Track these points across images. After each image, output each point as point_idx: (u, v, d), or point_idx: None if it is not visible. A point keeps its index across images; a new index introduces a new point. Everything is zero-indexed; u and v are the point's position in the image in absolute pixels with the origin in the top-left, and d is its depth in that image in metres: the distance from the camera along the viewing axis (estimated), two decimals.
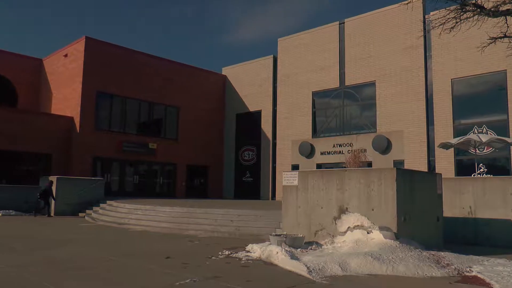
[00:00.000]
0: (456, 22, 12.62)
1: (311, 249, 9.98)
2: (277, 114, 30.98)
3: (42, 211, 21.31)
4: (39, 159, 26.76)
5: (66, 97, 28.66)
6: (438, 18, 13.16)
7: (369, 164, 24.79)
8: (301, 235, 10.52)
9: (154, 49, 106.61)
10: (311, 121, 28.76)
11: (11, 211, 21.45)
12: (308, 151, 27.83)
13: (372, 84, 26.33)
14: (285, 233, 11.14)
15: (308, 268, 8.02)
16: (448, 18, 12.75)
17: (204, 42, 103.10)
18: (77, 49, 28.09)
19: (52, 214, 21.47)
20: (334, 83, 27.90)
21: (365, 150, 25.05)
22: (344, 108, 27.63)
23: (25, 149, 25.87)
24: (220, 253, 10.18)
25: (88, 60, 27.42)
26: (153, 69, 30.42)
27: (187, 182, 31.86)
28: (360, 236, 9.80)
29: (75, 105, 27.36)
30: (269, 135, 31.40)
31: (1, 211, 21.09)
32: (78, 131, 26.81)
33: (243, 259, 9.43)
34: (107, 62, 28.14)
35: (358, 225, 10.10)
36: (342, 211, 10.45)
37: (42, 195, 21.31)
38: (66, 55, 29.27)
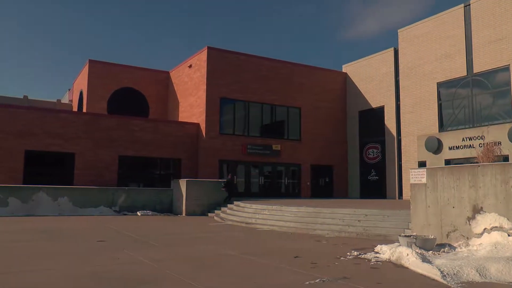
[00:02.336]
0: None
1: (444, 251, 9.49)
2: (400, 109, 29.78)
3: (227, 201, 23.26)
4: (170, 163, 28.77)
5: (191, 105, 30.38)
6: None
7: (505, 159, 22.77)
8: (432, 237, 10.06)
9: (274, 51, 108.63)
10: (437, 114, 27.24)
11: (148, 211, 23.24)
12: (435, 147, 26.34)
13: (506, 68, 24.14)
14: (414, 234, 10.73)
15: (441, 272, 7.60)
16: None
17: (323, 40, 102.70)
18: (200, 59, 29.61)
19: (184, 213, 22.88)
20: (461, 72, 26.11)
21: (499, 143, 23.01)
22: (473, 98, 25.75)
23: (158, 155, 27.97)
24: (348, 253, 10.08)
25: (211, 69, 28.76)
26: (273, 71, 31.00)
27: (311, 182, 31.95)
28: (499, 239, 9.09)
29: (201, 112, 28.86)
30: (393, 131, 30.35)
31: (140, 211, 23.00)
32: (204, 136, 28.24)
33: (372, 260, 9.25)
34: (228, 69, 29.29)
35: (496, 227, 9.38)
36: (477, 210, 9.78)
37: (226, 187, 23.58)
38: (190, 66, 31.04)
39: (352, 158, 33.51)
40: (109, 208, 22.81)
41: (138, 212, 22.80)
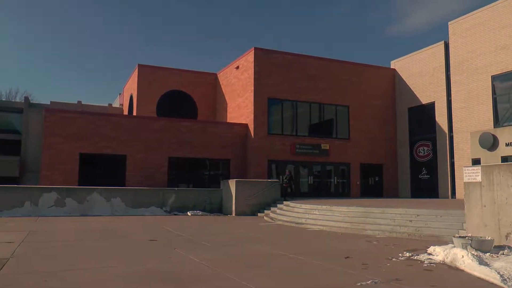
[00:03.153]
0: None
1: (503, 254, 9.11)
2: (452, 104, 28.82)
3: (289, 195, 24.05)
4: (219, 164, 29.11)
5: (239, 106, 30.61)
6: None
7: None
8: (489, 238, 9.71)
9: (320, 51, 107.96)
10: (491, 109, 26.16)
11: (198, 211, 23.58)
12: (489, 143, 25.31)
13: None
14: (469, 235, 10.39)
15: (501, 276, 7.29)
16: None
17: (371, 37, 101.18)
18: (247, 60, 29.78)
19: (234, 213, 23.08)
20: None
21: None
22: None
23: (207, 156, 28.38)
24: (400, 254, 9.90)
25: (258, 69, 28.86)
26: (321, 70, 30.75)
27: (361, 181, 31.51)
28: None
29: (249, 113, 29.03)
30: (445, 128, 29.45)
31: (190, 211, 23.37)
32: (252, 136, 28.38)
33: (425, 262, 9.03)
34: (276, 69, 29.30)
35: None
36: None
37: (288, 182, 24.23)
38: (237, 67, 31.29)
39: (402, 156, 32.78)
40: (160, 209, 23.31)
41: (188, 212, 23.19)
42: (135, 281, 7.32)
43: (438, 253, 9.35)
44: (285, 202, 21.92)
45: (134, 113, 33.51)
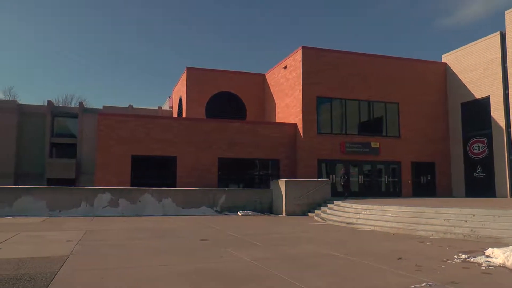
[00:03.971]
0: None
1: None
2: (509, 98, 27.64)
3: (347, 193, 25.28)
4: (269, 164, 29.17)
5: (288, 105, 30.57)
6: None
7: None
8: None
9: (370, 46, 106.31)
10: None
11: (248, 211, 23.74)
12: None
13: None
14: None
15: None
16: None
17: (420, 31, 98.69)
18: (295, 59, 29.70)
19: (284, 213, 23.08)
20: None
21: None
22: None
23: (256, 156, 28.52)
24: (455, 256, 9.62)
25: (306, 68, 28.73)
26: (370, 67, 30.25)
27: (413, 180, 30.77)
28: None
29: (298, 112, 28.95)
30: (501, 123, 28.23)
31: (240, 211, 23.57)
32: (302, 136, 28.29)
33: (483, 265, 8.73)
34: (324, 67, 29.07)
35: None
36: None
37: (346, 181, 25.19)
38: (285, 67, 31.27)
39: (455, 153, 31.71)
40: (210, 209, 23.62)
41: (238, 212, 23.40)
42: (187, 280, 7.48)
43: (498, 255, 9.00)
44: (335, 202, 21.74)
45: (184, 115, 34.11)
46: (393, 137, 30.47)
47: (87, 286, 7.09)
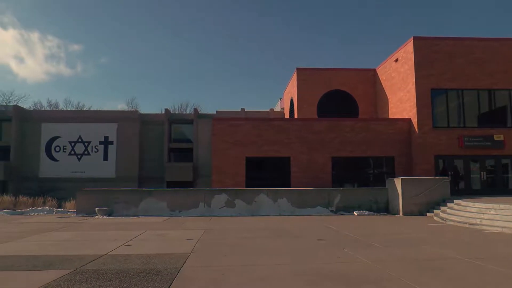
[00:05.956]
0: None
1: None
2: None
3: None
4: (383, 162, 28.52)
5: (401, 100, 29.64)
6: None
7: None
8: None
9: (483, 30, 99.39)
10: None
11: (364, 211, 23.40)
12: None
13: None
14: None
15: None
16: None
17: None
18: (406, 51, 28.70)
19: (401, 213, 22.45)
20: None
21: None
22: None
23: (370, 154, 28.05)
24: None
25: (419, 60, 27.63)
26: (488, 52, 28.13)
27: None
28: None
29: (411, 107, 27.97)
30: None
31: (356, 211, 23.31)
32: (416, 131, 27.30)
33: None
34: (437, 57, 27.74)
35: None
36: None
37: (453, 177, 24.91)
38: (396, 60, 30.32)
39: None
40: (325, 208, 23.65)
41: (354, 212, 23.19)
42: (305, 280, 7.69)
43: None
44: (455, 201, 20.68)
45: (295, 116, 34.50)
46: None
47: (209, 282, 7.66)
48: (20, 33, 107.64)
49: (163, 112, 42.01)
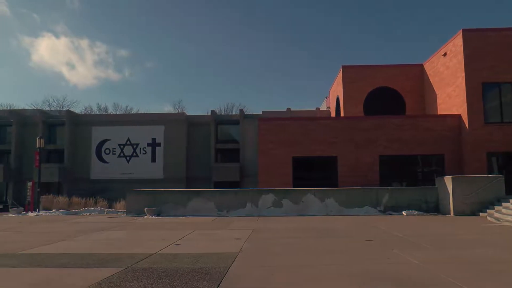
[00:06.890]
0: None
1: None
2: None
3: None
4: (432, 160, 27.73)
5: (450, 95, 28.71)
6: None
7: None
8: None
9: None
10: None
11: (413, 211, 22.85)
12: None
13: None
14: None
15: None
16: None
17: None
18: (455, 44, 27.76)
19: (452, 213, 21.79)
20: None
21: None
22: None
23: (418, 152, 27.31)
24: None
25: (469, 53, 26.61)
26: None
27: None
28: None
29: (461, 102, 27.05)
30: None
31: (405, 211, 22.80)
32: (467, 128, 26.38)
33: None
34: (488, 49, 26.56)
35: None
36: None
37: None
38: (445, 54, 29.39)
39: None
40: (373, 208, 23.27)
41: (403, 212, 22.69)
42: (355, 281, 7.57)
43: None
44: (511, 200, 19.86)
45: (342, 115, 34.10)
46: None
47: (259, 281, 7.69)
48: (71, 40, 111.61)
49: (209, 114, 42.42)
